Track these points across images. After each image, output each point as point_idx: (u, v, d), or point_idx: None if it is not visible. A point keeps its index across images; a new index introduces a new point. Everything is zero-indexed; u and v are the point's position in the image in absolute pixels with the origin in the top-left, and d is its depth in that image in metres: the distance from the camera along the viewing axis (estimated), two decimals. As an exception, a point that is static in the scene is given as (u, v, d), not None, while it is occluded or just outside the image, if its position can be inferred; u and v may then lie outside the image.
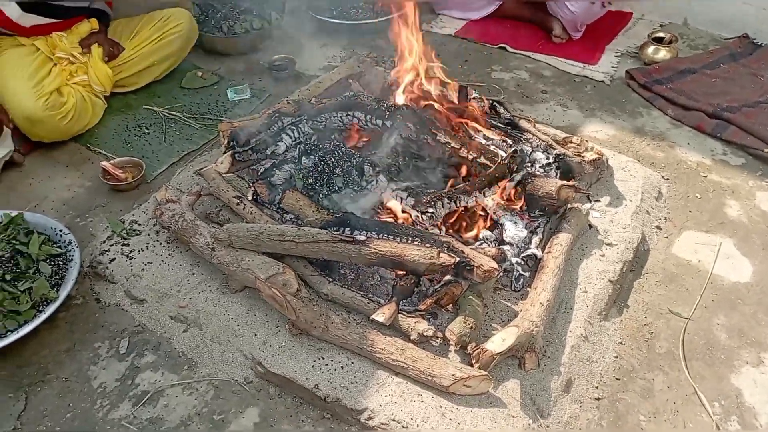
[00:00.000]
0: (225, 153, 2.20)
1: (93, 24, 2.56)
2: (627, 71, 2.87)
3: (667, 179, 2.35)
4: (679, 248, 2.08)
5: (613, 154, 2.32)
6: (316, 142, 2.16)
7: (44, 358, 1.73)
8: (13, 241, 1.82)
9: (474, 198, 1.92)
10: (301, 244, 1.75)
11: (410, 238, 1.74)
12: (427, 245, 1.70)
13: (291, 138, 2.23)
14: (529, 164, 2.05)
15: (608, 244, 1.96)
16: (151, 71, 2.66)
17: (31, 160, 2.35)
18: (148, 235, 2.04)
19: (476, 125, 2.19)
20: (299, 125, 2.24)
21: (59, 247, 1.87)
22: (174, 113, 2.61)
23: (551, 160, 2.07)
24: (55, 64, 2.43)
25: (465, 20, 3.24)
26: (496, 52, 3.07)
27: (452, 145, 2.03)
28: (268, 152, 2.24)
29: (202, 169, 2.15)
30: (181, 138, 2.51)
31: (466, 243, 1.84)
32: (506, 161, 1.90)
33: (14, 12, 2.31)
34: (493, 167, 1.93)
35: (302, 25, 3.11)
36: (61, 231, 1.92)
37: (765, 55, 2.99)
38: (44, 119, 2.25)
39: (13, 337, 1.64)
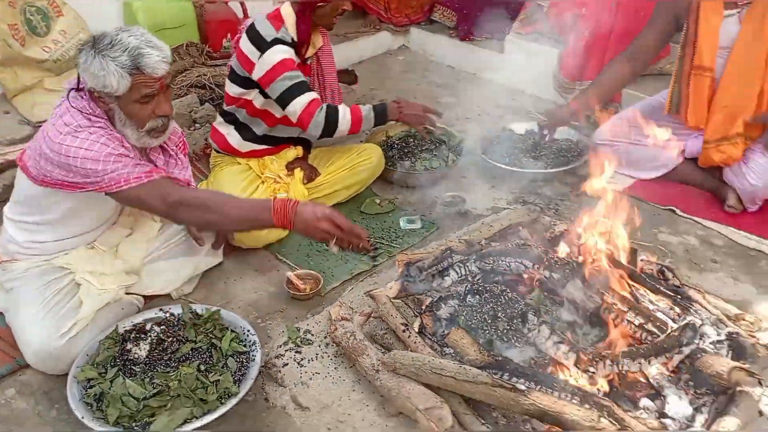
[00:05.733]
0: (397, 280, 2.39)
1: (298, 151, 2.97)
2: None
3: None
4: None
5: (791, 339, 2.19)
6: (481, 283, 2.29)
7: (216, 448, 1.92)
8: (210, 335, 2.09)
9: (638, 364, 1.90)
10: (461, 382, 1.83)
11: (570, 396, 1.76)
12: (587, 406, 1.71)
13: (457, 274, 2.38)
14: (699, 338, 2.00)
15: (783, 438, 1.84)
16: (339, 194, 2.99)
17: (228, 261, 2.70)
18: (318, 346, 2.23)
19: (643, 289, 2.20)
20: (467, 263, 2.39)
21: (245, 345, 2.11)
22: (351, 234, 2.88)
23: (722, 338, 2.01)
24: (263, 182, 2.83)
25: (634, 179, 3.30)
26: (665, 213, 3.07)
27: (618, 306, 2.06)
28: (434, 284, 2.40)
29: (372, 291, 2.34)
30: (354, 258, 2.75)
31: (625, 410, 1.81)
32: (677, 333, 1.89)
33: (234, 140, 2.77)
34: (663, 336, 1.92)
35: (475, 168, 3.35)
36: (248, 331, 2.16)
37: None
38: (249, 229, 2.60)
39: (198, 424, 1.84)
